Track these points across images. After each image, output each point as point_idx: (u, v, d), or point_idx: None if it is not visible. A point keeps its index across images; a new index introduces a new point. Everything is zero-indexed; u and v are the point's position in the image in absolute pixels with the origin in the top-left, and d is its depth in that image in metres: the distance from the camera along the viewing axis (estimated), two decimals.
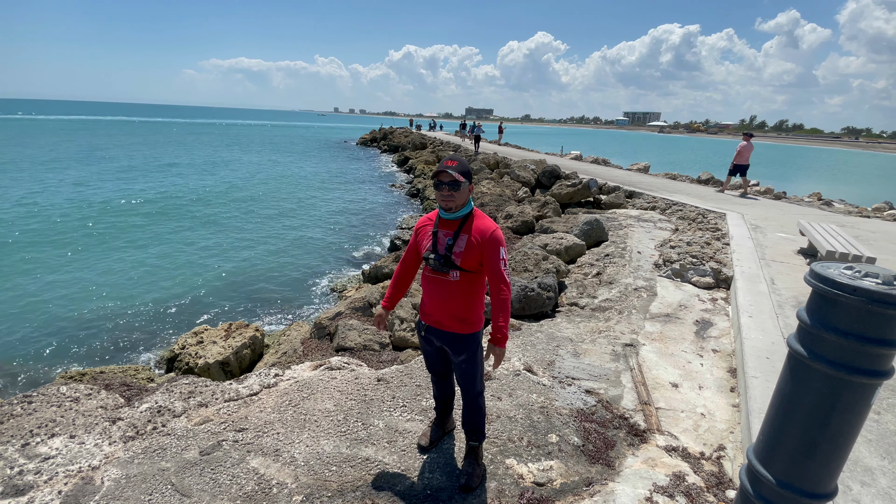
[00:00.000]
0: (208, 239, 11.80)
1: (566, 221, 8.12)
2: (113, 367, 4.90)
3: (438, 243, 2.21)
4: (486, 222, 2.19)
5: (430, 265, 2.21)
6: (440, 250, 2.20)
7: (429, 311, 2.31)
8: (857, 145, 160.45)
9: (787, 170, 43.67)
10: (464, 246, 2.15)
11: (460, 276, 2.18)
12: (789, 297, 4.82)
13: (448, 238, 2.18)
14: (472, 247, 2.14)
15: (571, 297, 5.18)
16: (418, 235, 2.34)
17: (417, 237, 2.35)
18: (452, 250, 2.16)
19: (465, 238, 2.16)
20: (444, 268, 2.16)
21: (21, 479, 2.29)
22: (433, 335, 2.33)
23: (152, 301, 7.89)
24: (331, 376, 3.36)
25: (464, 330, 2.25)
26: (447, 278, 2.19)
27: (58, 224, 12.26)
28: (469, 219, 2.20)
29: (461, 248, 2.15)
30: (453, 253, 2.16)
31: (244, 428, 2.75)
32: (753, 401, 2.90)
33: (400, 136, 37.61)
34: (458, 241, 2.16)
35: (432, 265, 2.19)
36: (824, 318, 1.36)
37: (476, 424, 2.42)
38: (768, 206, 10.78)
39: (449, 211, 2.18)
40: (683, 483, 2.45)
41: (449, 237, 2.18)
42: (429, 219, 2.34)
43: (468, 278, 2.20)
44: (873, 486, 2.30)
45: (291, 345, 5.05)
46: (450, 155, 2.19)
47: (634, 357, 3.81)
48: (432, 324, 2.30)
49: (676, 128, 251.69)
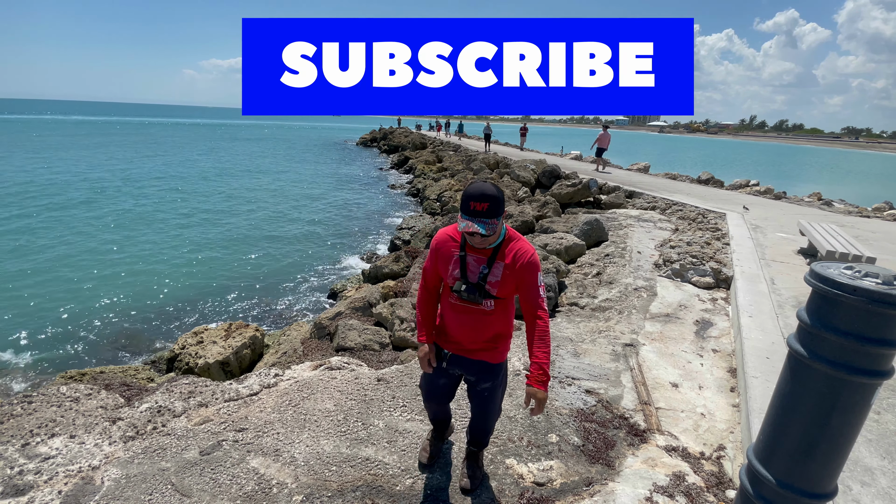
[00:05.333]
0: (208, 239, 11.80)
1: (566, 221, 8.12)
2: (113, 367, 4.90)
3: (469, 270, 1.94)
4: (523, 245, 1.94)
5: (461, 297, 1.95)
6: (471, 278, 1.94)
7: (456, 339, 2.06)
8: (857, 145, 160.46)
9: (787, 170, 43.67)
10: (500, 275, 1.91)
11: (494, 304, 1.96)
12: (789, 297, 4.82)
13: (482, 266, 1.92)
14: (508, 274, 1.90)
15: (571, 297, 5.18)
16: (439, 257, 2.04)
17: (438, 260, 2.04)
18: (487, 279, 1.91)
19: (501, 265, 1.91)
20: (478, 298, 1.93)
21: (21, 479, 2.29)
22: (458, 365, 2.11)
23: (152, 301, 7.89)
24: (331, 376, 3.36)
25: (495, 359, 2.07)
26: (480, 307, 1.96)
27: (58, 224, 12.26)
28: (504, 243, 1.94)
29: (497, 276, 1.91)
30: (488, 283, 1.91)
31: (244, 428, 2.75)
32: (753, 401, 2.90)
33: (400, 136, 37.62)
34: (494, 270, 1.91)
35: (465, 297, 1.94)
36: (824, 318, 1.36)
37: (483, 439, 2.36)
38: (768, 206, 10.79)
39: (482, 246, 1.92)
40: (683, 483, 2.45)
41: (483, 264, 1.92)
42: (450, 237, 2.02)
43: (502, 305, 1.99)
44: (873, 486, 2.30)
45: (291, 345, 5.05)
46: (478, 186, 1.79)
47: (634, 357, 3.81)
48: (459, 352, 2.07)
49: (676, 128, 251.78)
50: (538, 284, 1.91)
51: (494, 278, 1.91)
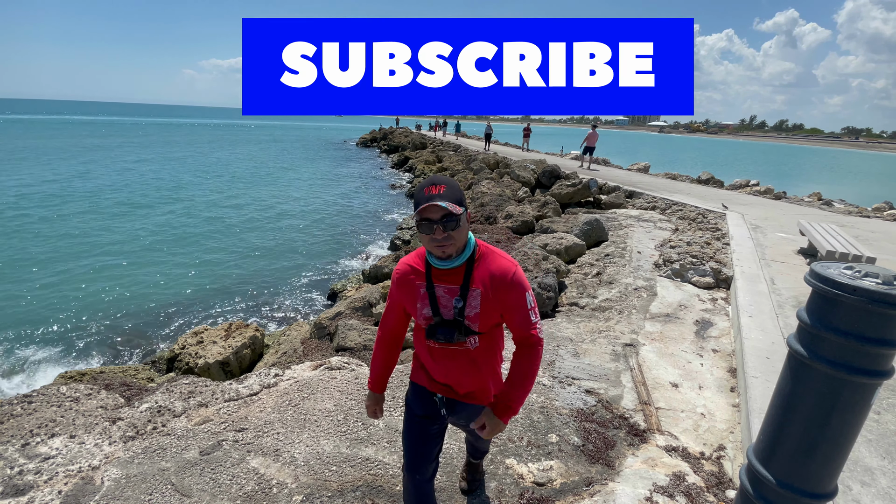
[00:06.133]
0: (208, 239, 11.81)
1: (566, 221, 8.12)
2: (113, 367, 4.90)
3: (441, 305, 1.58)
4: (500, 261, 1.57)
5: (437, 341, 1.59)
6: (446, 315, 1.58)
7: (447, 383, 1.72)
8: (857, 145, 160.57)
9: (787, 170, 43.68)
10: (478, 304, 1.55)
11: (480, 339, 1.61)
12: (789, 297, 4.82)
13: (455, 298, 1.56)
14: (488, 301, 1.55)
15: (571, 296, 5.18)
16: (401, 292, 1.67)
17: (401, 295, 1.68)
18: (464, 313, 1.56)
19: (478, 293, 1.54)
20: (459, 338, 1.57)
21: (21, 479, 2.29)
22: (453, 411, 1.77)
23: (152, 301, 7.89)
24: (331, 376, 3.36)
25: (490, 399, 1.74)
26: (464, 347, 1.61)
27: (58, 224, 12.26)
28: (474, 261, 1.56)
29: (475, 307, 1.55)
30: (466, 317, 1.56)
31: (244, 428, 2.75)
32: (753, 401, 2.90)
33: (400, 136, 37.67)
34: (470, 300, 1.55)
35: (441, 340, 1.57)
36: (824, 318, 1.36)
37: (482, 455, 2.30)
38: (768, 206, 10.78)
39: (447, 259, 1.52)
40: (683, 483, 2.45)
41: (455, 296, 1.56)
42: (411, 267, 1.64)
43: (489, 337, 1.64)
44: (873, 486, 2.30)
45: (291, 345, 5.05)
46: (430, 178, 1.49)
47: (634, 357, 3.81)
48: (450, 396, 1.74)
49: (676, 128, 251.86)
50: (527, 307, 1.57)
51: (472, 310, 1.55)
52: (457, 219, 1.44)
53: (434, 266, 1.56)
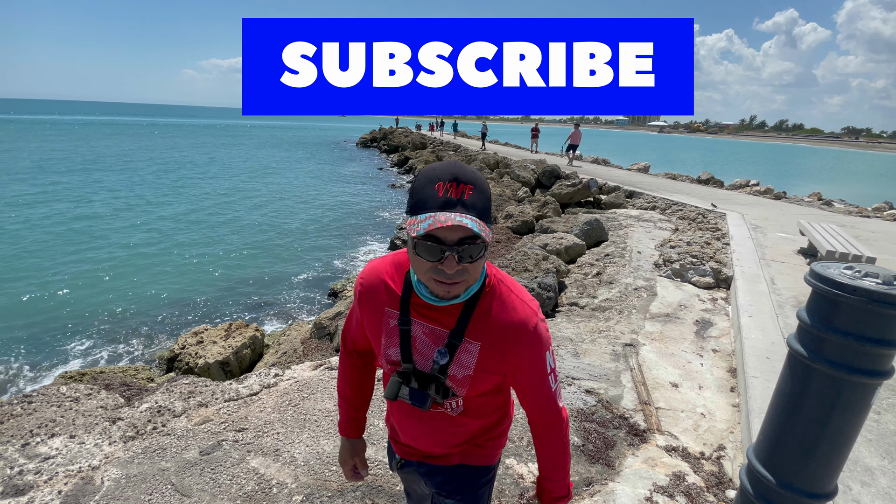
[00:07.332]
0: (207, 239, 11.80)
1: (566, 221, 8.12)
2: (113, 367, 4.90)
3: (416, 352, 1.07)
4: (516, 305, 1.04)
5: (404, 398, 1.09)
6: (420, 365, 1.07)
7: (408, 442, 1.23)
8: (857, 145, 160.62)
9: (787, 170, 43.68)
10: (473, 363, 1.04)
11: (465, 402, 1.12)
12: (789, 297, 4.82)
13: (439, 347, 1.04)
14: (489, 361, 1.04)
15: (571, 296, 5.18)
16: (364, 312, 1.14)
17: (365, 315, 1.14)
18: (447, 372, 1.05)
19: (476, 347, 1.03)
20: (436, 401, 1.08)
21: (21, 479, 2.29)
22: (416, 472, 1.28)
23: (152, 301, 7.89)
24: (331, 376, 3.36)
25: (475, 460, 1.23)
26: (440, 410, 1.13)
27: (58, 224, 12.26)
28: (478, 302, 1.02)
29: (468, 368, 1.04)
30: (450, 377, 1.06)
31: (244, 428, 2.75)
32: (753, 401, 2.90)
33: (400, 136, 37.69)
34: (461, 356, 1.04)
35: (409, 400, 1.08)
36: (824, 318, 1.36)
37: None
38: (768, 206, 10.79)
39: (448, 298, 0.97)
40: (683, 483, 2.45)
41: (440, 345, 1.04)
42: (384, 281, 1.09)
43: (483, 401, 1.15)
44: (873, 486, 2.30)
45: (291, 345, 5.05)
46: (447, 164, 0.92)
47: (634, 357, 3.81)
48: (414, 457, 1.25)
49: (676, 128, 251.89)
50: (547, 371, 1.08)
51: (462, 371, 1.05)
52: (483, 246, 0.90)
53: (419, 295, 1.01)
